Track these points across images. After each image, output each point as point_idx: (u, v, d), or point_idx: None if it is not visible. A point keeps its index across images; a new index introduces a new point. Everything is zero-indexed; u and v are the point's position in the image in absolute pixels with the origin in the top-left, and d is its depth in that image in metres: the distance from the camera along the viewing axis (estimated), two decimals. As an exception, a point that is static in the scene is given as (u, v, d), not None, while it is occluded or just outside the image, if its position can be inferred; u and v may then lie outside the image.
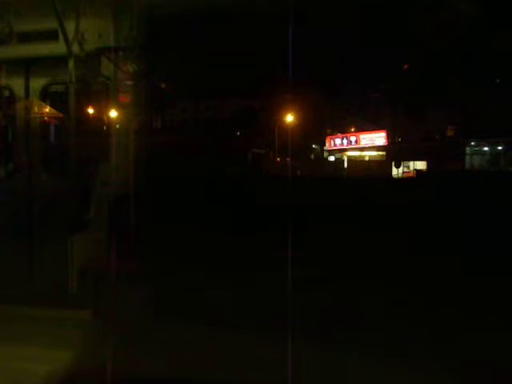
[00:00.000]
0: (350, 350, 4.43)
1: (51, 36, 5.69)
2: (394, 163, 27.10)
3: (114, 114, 6.24)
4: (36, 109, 6.29)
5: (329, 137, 33.71)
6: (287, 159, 27.15)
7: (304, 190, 9.94)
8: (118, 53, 5.82)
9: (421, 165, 27.17)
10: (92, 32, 5.71)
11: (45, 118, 6.63)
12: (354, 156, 32.08)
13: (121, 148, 5.92)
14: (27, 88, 6.12)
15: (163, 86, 20.53)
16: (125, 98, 6.09)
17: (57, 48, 5.70)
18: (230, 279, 6.45)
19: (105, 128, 6.46)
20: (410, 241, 8.42)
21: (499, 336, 4.80)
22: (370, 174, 25.26)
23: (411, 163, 27.59)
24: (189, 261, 7.03)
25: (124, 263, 5.33)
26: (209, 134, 27.43)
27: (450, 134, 28.12)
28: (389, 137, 30.06)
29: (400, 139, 30.01)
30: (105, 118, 6.52)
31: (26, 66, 6.04)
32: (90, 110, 7.12)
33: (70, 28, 5.63)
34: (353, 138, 32.09)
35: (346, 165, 30.16)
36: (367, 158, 31.74)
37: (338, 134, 32.98)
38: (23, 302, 5.28)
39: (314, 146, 34.24)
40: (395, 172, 26.67)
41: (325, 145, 34.01)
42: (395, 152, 28.11)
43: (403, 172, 26.98)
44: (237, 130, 31.23)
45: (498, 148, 26.99)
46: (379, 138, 30.56)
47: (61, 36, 5.61)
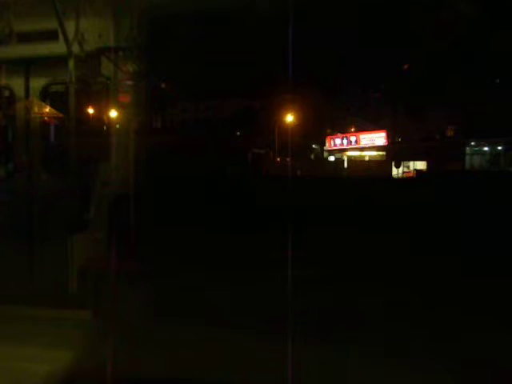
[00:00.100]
0: (350, 350, 4.43)
1: (51, 36, 5.69)
2: (393, 163, 27.09)
3: (113, 114, 6.24)
4: (36, 109, 6.29)
5: (329, 137, 33.71)
6: (287, 159, 27.15)
7: (304, 190, 9.94)
8: (118, 53, 5.82)
9: (421, 165, 27.16)
10: (92, 32, 5.71)
11: (45, 118, 6.63)
12: (354, 156, 32.08)
13: (121, 148, 5.92)
14: (27, 88, 6.12)
15: (163, 86, 20.52)
16: (125, 98, 6.09)
17: (57, 48, 5.70)
18: (230, 279, 6.45)
19: (105, 128, 6.46)
20: (410, 241, 8.41)
21: (499, 336, 4.80)
22: (370, 174, 25.26)
23: (411, 163, 27.58)
24: (189, 261, 7.03)
25: (124, 263, 5.33)
26: (209, 134, 27.44)
27: (450, 134, 28.12)
28: (389, 137, 30.05)
29: (400, 139, 30.00)
30: (105, 118, 6.52)
31: (26, 66, 6.04)
32: (90, 110, 7.12)
33: (70, 28, 5.63)
34: (353, 138, 32.08)
35: (345, 165, 30.15)
36: (367, 158, 31.74)
37: (338, 134, 32.98)
38: (23, 302, 5.28)
39: (314, 145, 34.24)
40: (395, 172, 26.66)
41: (325, 145, 34.00)
42: (395, 152, 28.10)
43: (403, 172, 26.97)
44: (237, 130, 31.24)
45: (498, 148, 26.99)
46: (379, 137, 30.56)
47: (61, 36, 5.61)
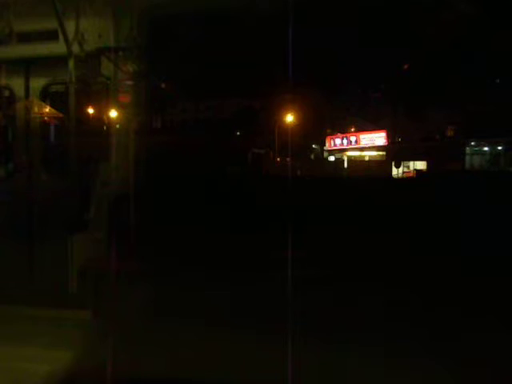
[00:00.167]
0: (350, 349, 4.43)
1: (51, 36, 5.69)
2: (393, 163, 27.09)
3: (113, 114, 6.24)
4: (36, 109, 6.29)
5: (329, 137, 33.71)
6: (287, 159, 27.15)
7: (304, 190, 9.93)
8: (118, 53, 5.82)
9: (421, 165, 27.16)
10: (92, 32, 5.71)
11: (45, 118, 6.63)
12: (354, 156, 32.08)
13: (121, 148, 5.92)
14: (27, 88, 6.12)
15: (163, 86, 20.52)
16: (125, 98, 6.09)
17: (57, 48, 5.70)
18: (230, 279, 6.44)
19: (105, 128, 6.46)
20: (410, 241, 8.41)
21: (499, 336, 4.80)
22: (370, 174, 25.26)
23: (411, 163, 27.59)
24: (189, 261, 7.03)
25: (124, 263, 5.33)
26: (209, 133, 27.43)
27: (450, 133, 28.11)
28: (389, 137, 30.05)
29: (400, 139, 30.00)
30: (105, 118, 6.52)
31: (26, 66, 6.04)
32: (90, 110, 7.12)
33: (70, 28, 5.63)
34: (353, 138, 32.08)
35: (345, 165, 30.14)
36: (367, 158, 31.73)
37: (338, 134, 32.97)
38: (23, 302, 5.28)
39: (314, 145, 34.23)
40: (395, 172, 26.66)
41: (325, 145, 34.00)
42: (395, 152, 28.10)
43: (403, 172, 26.97)
44: (237, 130, 31.24)
45: (498, 148, 26.99)
46: (379, 137, 30.56)
47: (61, 36, 5.61)
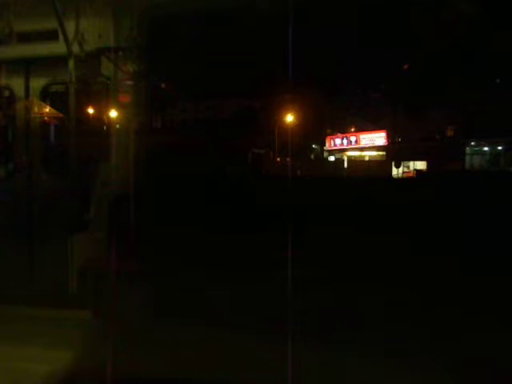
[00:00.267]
0: (350, 349, 4.43)
1: (51, 36, 5.69)
2: (393, 163, 27.08)
3: (113, 114, 6.24)
4: (36, 109, 6.29)
5: (329, 137, 33.70)
6: (287, 159, 27.14)
7: (304, 190, 9.93)
8: (118, 53, 5.82)
9: (421, 165, 27.15)
10: (92, 32, 5.71)
11: (45, 118, 6.63)
12: (354, 156, 32.06)
13: (121, 148, 5.92)
14: (27, 88, 6.12)
15: (163, 86, 20.51)
16: (125, 98, 6.09)
17: (57, 48, 5.70)
18: (229, 279, 6.44)
19: (105, 128, 6.46)
20: (410, 241, 8.41)
21: (499, 336, 4.80)
22: (370, 174, 25.25)
23: (411, 163, 27.58)
24: (189, 261, 7.03)
25: (124, 263, 5.33)
26: (209, 133, 27.42)
27: (450, 133, 28.11)
28: (389, 137, 30.04)
29: (400, 139, 29.99)
30: (105, 118, 6.52)
31: (26, 66, 6.04)
32: (90, 110, 7.13)
33: (70, 28, 5.63)
34: (353, 138, 32.07)
35: (345, 165, 30.14)
36: (367, 158, 31.73)
37: (338, 134, 32.96)
38: (23, 302, 5.28)
39: (314, 146, 34.22)
40: (395, 172, 26.66)
41: (325, 145, 33.99)
42: (395, 152, 28.09)
43: (403, 172, 26.96)
44: (237, 130, 31.24)
45: (498, 148, 26.98)
46: (379, 137, 30.55)
47: (61, 36, 5.61)
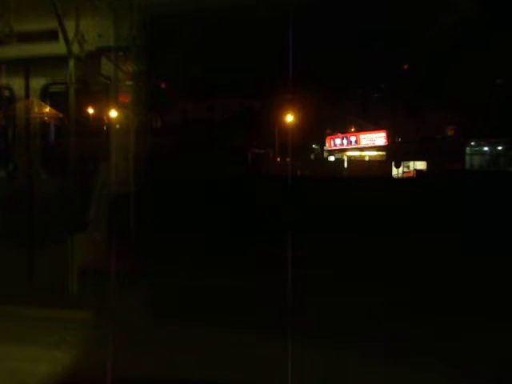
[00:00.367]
0: (350, 349, 4.43)
1: (51, 36, 5.70)
2: (394, 163, 27.08)
3: (113, 114, 6.24)
4: (36, 109, 6.30)
5: (329, 137, 33.69)
6: (287, 159, 27.13)
7: (304, 190, 9.93)
8: (118, 53, 5.83)
9: (421, 165, 27.14)
10: (92, 32, 5.72)
11: (45, 118, 6.63)
12: (354, 156, 32.05)
13: (121, 148, 5.93)
14: (27, 88, 6.13)
15: (163, 85, 20.51)
16: (125, 98, 6.10)
17: (57, 48, 5.71)
18: (230, 279, 6.44)
19: (105, 128, 6.47)
20: (410, 241, 8.40)
21: (499, 336, 4.79)
22: (370, 174, 25.24)
23: (411, 163, 27.57)
24: (189, 260, 7.02)
25: (124, 263, 5.33)
26: (209, 134, 27.42)
27: (450, 133, 28.11)
28: (389, 137, 30.04)
29: (400, 139, 29.99)
30: (105, 118, 6.53)
31: (26, 66, 6.05)
32: (90, 110, 7.14)
33: (70, 28, 5.64)
34: (353, 138, 32.06)
35: (346, 165, 30.14)
36: (367, 158, 31.72)
37: (338, 134, 32.95)
38: (23, 302, 5.28)
39: (314, 146, 34.21)
40: (395, 172, 26.65)
41: (325, 145, 33.99)
42: (395, 152, 28.09)
43: (403, 172, 26.95)
44: (237, 130, 31.24)
45: (498, 148, 26.98)
46: (379, 138, 30.54)
47: (61, 36, 5.62)
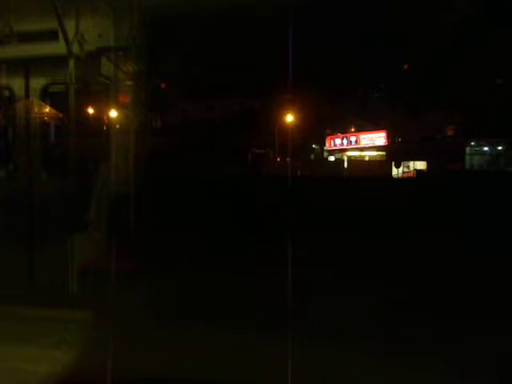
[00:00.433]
0: (350, 349, 4.43)
1: (51, 36, 5.70)
2: (394, 163, 27.08)
3: (114, 114, 6.24)
4: (36, 109, 6.30)
5: (329, 137, 33.69)
6: (287, 159, 27.13)
7: (304, 190, 9.93)
8: (118, 53, 5.83)
9: (421, 165, 27.14)
10: (92, 32, 5.72)
11: (45, 118, 6.63)
12: (354, 156, 32.06)
13: (121, 148, 5.93)
14: (27, 88, 6.13)
15: (163, 85, 20.50)
16: (125, 97, 6.10)
17: (57, 48, 5.71)
18: (229, 279, 6.44)
19: (105, 128, 6.47)
20: (410, 241, 8.40)
21: (499, 336, 4.79)
22: (370, 174, 25.24)
23: (411, 163, 27.57)
24: (189, 261, 7.02)
25: (124, 263, 5.33)
26: (209, 134, 27.42)
27: (450, 133, 28.11)
28: (389, 137, 30.04)
29: (400, 139, 29.99)
30: (105, 118, 6.54)
31: (26, 66, 6.05)
32: (90, 110, 7.14)
33: (70, 28, 5.64)
34: (353, 138, 32.06)
35: (346, 165, 30.14)
36: (367, 158, 31.73)
37: (338, 134, 32.96)
38: (23, 302, 5.28)
39: (314, 146, 34.22)
40: (395, 172, 26.65)
41: (325, 145, 33.99)
42: (395, 152, 28.10)
43: (403, 172, 26.96)
44: (237, 130, 31.25)
45: (498, 148, 26.98)
46: (379, 138, 30.54)
47: (61, 36, 5.62)
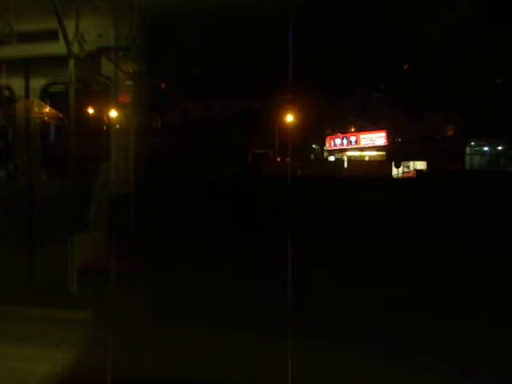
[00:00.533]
0: (350, 349, 4.43)
1: (51, 36, 5.70)
2: (394, 163, 27.07)
3: (114, 114, 6.24)
4: (36, 109, 6.30)
5: (329, 137, 33.70)
6: (287, 159, 27.13)
7: (304, 190, 9.93)
8: (118, 53, 5.83)
9: (421, 165, 27.14)
10: (92, 32, 5.72)
11: (45, 118, 6.63)
12: (354, 156, 32.06)
13: (121, 148, 5.93)
14: (27, 88, 6.13)
15: (163, 86, 20.51)
16: (125, 97, 6.10)
17: (57, 48, 5.71)
18: (229, 279, 6.44)
19: (105, 128, 6.48)
20: (410, 241, 8.40)
21: (499, 336, 4.80)
22: (370, 174, 25.24)
23: (411, 163, 27.57)
24: (189, 261, 7.02)
25: (124, 263, 5.33)
26: (209, 134, 27.42)
27: (450, 133, 28.11)
28: (389, 137, 30.05)
29: (400, 139, 29.99)
30: (105, 118, 6.54)
31: (26, 66, 6.05)
32: (90, 110, 7.14)
33: (70, 28, 5.64)
34: (353, 138, 32.07)
35: (346, 165, 30.14)
36: (367, 158, 31.73)
37: (338, 134, 32.96)
38: (23, 302, 5.28)
39: (314, 146, 34.22)
40: (395, 172, 26.65)
41: (325, 145, 33.99)
42: (395, 152, 28.10)
43: (403, 172, 26.96)
44: (237, 130, 31.25)
45: (498, 148, 26.98)
46: (379, 137, 30.55)
47: (61, 36, 5.62)
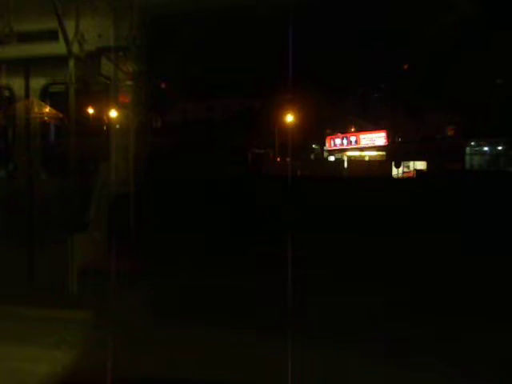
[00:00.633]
0: (350, 349, 4.44)
1: (51, 36, 5.71)
2: (394, 163, 27.07)
3: (114, 114, 6.24)
4: (36, 109, 6.30)
5: (329, 137, 33.70)
6: (287, 159, 27.13)
7: (304, 190, 9.93)
8: (118, 53, 5.83)
9: (421, 165, 27.15)
10: (92, 32, 5.72)
11: (45, 118, 6.64)
12: (354, 156, 32.07)
13: (121, 148, 5.93)
14: (27, 88, 6.13)
15: (163, 85, 20.51)
16: (125, 98, 6.10)
17: (57, 48, 5.71)
18: (229, 279, 6.44)
19: (105, 128, 6.48)
20: (410, 241, 8.40)
21: (499, 336, 4.80)
22: (370, 174, 25.24)
23: (411, 163, 27.57)
24: (189, 261, 7.03)
25: (124, 263, 5.33)
26: (209, 134, 27.42)
27: (450, 133, 28.11)
28: (389, 137, 30.05)
29: (400, 139, 29.99)
30: (105, 118, 6.54)
31: (26, 66, 6.06)
32: (90, 110, 7.15)
33: (70, 28, 5.64)
34: (353, 138, 32.07)
35: (346, 165, 30.14)
36: (367, 158, 31.73)
37: (338, 134, 32.97)
38: (23, 302, 5.28)
39: (314, 146, 34.22)
40: (395, 172, 26.65)
41: (325, 145, 34.00)
42: (395, 152, 28.10)
43: (403, 172, 26.96)
44: (237, 130, 31.25)
45: (498, 148, 26.98)
46: (379, 138, 30.55)
47: (61, 36, 5.62)
